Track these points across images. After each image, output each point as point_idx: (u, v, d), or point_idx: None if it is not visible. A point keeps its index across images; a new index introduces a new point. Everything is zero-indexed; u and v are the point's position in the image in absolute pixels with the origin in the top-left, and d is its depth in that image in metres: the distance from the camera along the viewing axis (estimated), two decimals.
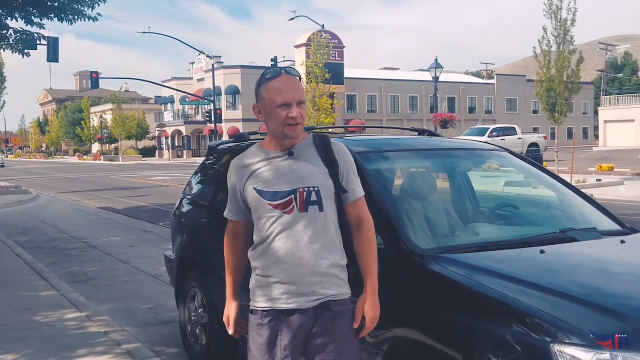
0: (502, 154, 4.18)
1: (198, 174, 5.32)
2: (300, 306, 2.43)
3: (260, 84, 2.48)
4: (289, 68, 2.50)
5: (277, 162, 2.47)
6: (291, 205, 2.41)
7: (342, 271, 2.50)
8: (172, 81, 67.58)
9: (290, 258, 2.41)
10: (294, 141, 2.48)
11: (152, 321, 5.99)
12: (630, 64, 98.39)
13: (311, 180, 2.43)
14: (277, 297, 2.44)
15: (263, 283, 2.48)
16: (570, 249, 3.00)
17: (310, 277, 2.42)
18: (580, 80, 20.07)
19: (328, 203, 2.45)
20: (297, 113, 2.41)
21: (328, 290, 2.45)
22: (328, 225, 2.46)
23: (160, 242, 10.72)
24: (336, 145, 2.54)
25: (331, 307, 2.46)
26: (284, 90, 2.40)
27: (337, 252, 2.48)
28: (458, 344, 2.49)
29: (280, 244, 2.42)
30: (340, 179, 2.48)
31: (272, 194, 2.43)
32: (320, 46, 32.09)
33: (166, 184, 25.73)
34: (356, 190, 2.52)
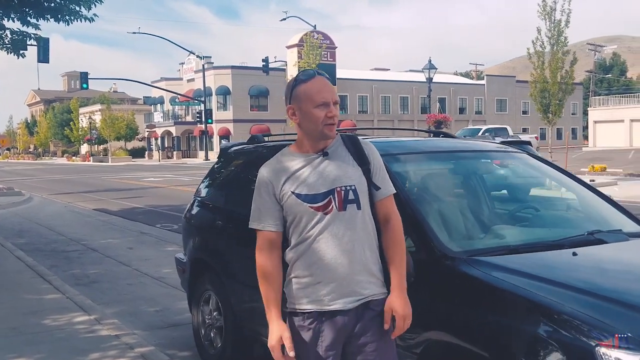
0: (519, 155, 4.18)
1: (210, 177, 5.28)
2: (343, 307, 2.42)
3: (295, 86, 2.49)
4: (320, 71, 2.55)
5: (313, 164, 2.47)
6: (331, 206, 2.41)
7: (380, 270, 2.50)
8: (161, 82, 67.34)
9: (332, 258, 2.40)
10: (327, 142, 2.49)
11: (161, 324, 5.95)
12: (619, 65, 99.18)
13: (347, 179, 2.44)
14: (319, 298, 2.43)
15: (303, 285, 2.46)
16: (602, 252, 3.00)
17: (352, 276, 2.41)
18: (574, 81, 20.19)
19: (365, 201, 2.47)
20: (335, 112, 2.46)
21: (368, 290, 2.45)
22: (366, 223, 2.47)
23: (160, 244, 10.67)
24: (366, 144, 2.56)
25: (371, 306, 2.46)
26: (322, 91, 2.44)
27: (375, 251, 2.49)
28: (496, 347, 2.48)
29: (321, 244, 2.41)
30: (372, 176, 2.50)
31: (312, 196, 2.42)
32: (313, 47, 32.23)
33: (159, 186, 25.59)
34: (388, 188, 2.54)
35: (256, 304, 4.18)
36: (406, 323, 2.46)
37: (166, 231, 12.29)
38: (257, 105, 62.69)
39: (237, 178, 4.78)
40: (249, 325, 4.33)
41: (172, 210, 15.79)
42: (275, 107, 61.04)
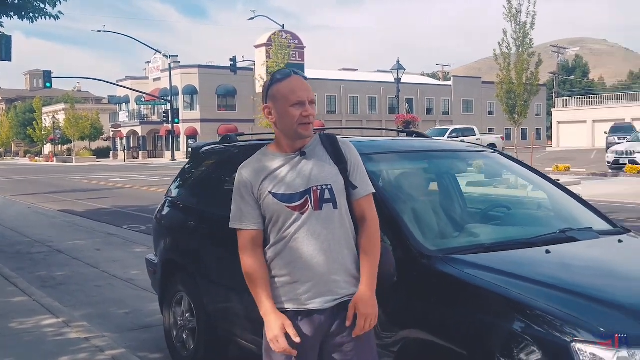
0: (491, 155, 4.23)
1: (181, 177, 5.22)
2: (320, 307, 2.43)
3: (270, 85, 2.49)
4: (297, 70, 2.54)
5: (291, 164, 2.47)
6: (307, 205, 2.41)
7: (358, 269, 2.49)
8: (127, 81, 66.41)
9: (309, 258, 2.40)
10: (305, 141, 2.49)
11: (131, 326, 5.86)
12: (581, 67, 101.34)
13: (324, 179, 2.44)
14: (296, 297, 2.44)
15: (281, 284, 2.47)
16: (574, 250, 3.06)
17: (329, 276, 2.41)
18: (539, 82, 20.57)
19: (342, 200, 2.46)
20: (311, 111, 2.44)
21: (345, 289, 2.45)
22: (344, 222, 2.46)
23: (127, 245, 10.51)
24: (343, 143, 2.56)
25: (349, 306, 2.44)
26: (297, 90, 2.44)
27: (352, 250, 2.49)
28: (474, 344, 2.51)
29: (297, 243, 2.41)
30: (350, 176, 2.49)
31: (289, 196, 2.42)
32: (281, 47, 32.16)
33: (125, 186, 25.23)
34: (365, 187, 2.53)
35: (230, 304, 4.18)
36: (368, 322, 2.43)
37: (134, 232, 12.12)
38: (225, 105, 62.32)
39: (209, 178, 4.74)
40: (223, 325, 4.31)
41: (139, 211, 15.59)
42: (243, 106, 60.76)
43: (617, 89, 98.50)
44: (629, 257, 3.10)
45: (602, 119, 50.36)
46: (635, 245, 3.33)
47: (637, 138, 26.90)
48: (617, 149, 25.56)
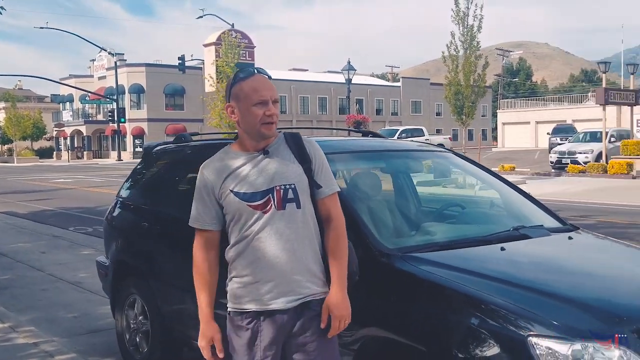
0: (446, 154, 4.31)
1: (133, 177, 5.11)
2: (282, 307, 2.41)
3: (233, 84, 2.47)
4: (260, 68, 2.53)
5: (253, 163, 2.44)
6: (270, 205, 2.39)
7: (322, 269, 2.49)
8: (71, 79, 64.71)
9: (271, 257, 2.38)
10: (268, 141, 2.47)
11: (80, 330, 5.70)
12: (525, 69, 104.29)
13: (287, 178, 2.42)
14: (258, 297, 2.41)
15: (243, 283, 2.44)
16: (528, 247, 3.14)
17: (291, 275, 2.40)
18: (486, 84, 21.06)
19: (305, 199, 2.45)
20: (274, 111, 2.42)
21: (308, 289, 2.43)
22: (307, 222, 2.45)
23: (74, 247, 10.24)
24: (308, 142, 2.54)
25: (312, 306, 2.45)
26: (260, 89, 2.41)
27: (316, 250, 2.47)
28: (433, 340, 2.55)
29: (260, 243, 2.39)
30: (314, 175, 2.48)
31: (251, 195, 2.40)
32: (231, 46, 31.83)
33: (70, 187, 24.55)
34: (330, 186, 2.52)
35: (185, 305, 4.11)
36: (342, 323, 2.45)
37: (80, 234, 11.82)
38: (173, 104, 61.40)
39: (163, 178, 4.65)
40: (178, 327, 4.24)
41: (85, 213, 15.21)
42: (192, 106, 60.00)
43: (559, 91, 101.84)
44: (579, 254, 3.21)
45: (545, 120, 51.95)
46: (584, 242, 3.44)
47: (578, 139, 27.88)
48: (560, 149, 26.43)
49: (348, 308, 2.46)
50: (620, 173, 21.78)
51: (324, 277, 2.49)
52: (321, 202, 2.49)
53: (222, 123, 33.61)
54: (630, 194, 17.04)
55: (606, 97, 23.13)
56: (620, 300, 2.55)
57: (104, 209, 16.81)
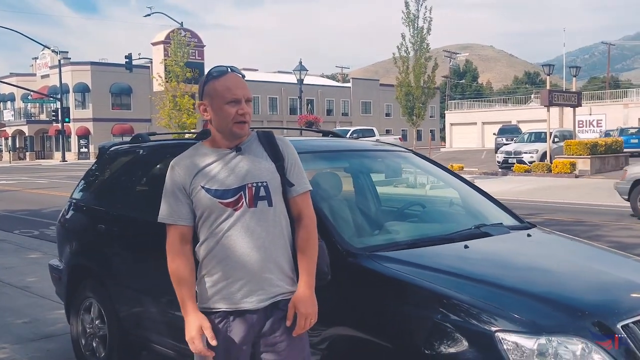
0: (406, 154, 4.36)
1: (88, 178, 4.98)
2: (252, 306, 2.39)
3: (206, 82, 2.46)
4: (234, 67, 2.49)
5: (225, 160, 2.43)
6: (241, 202, 2.38)
7: (292, 268, 2.48)
8: (11, 77, 62.65)
9: (241, 255, 2.37)
10: (241, 139, 2.46)
11: (32, 337, 5.52)
12: (471, 71, 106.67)
13: (260, 176, 2.41)
14: (228, 297, 2.40)
15: (212, 282, 2.42)
16: (490, 244, 3.21)
17: (262, 274, 2.38)
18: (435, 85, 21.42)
19: (277, 197, 2.44)
20: (247, 109, 2.42)
21: (278, 288, 2.42)
22: (278, 220, 2.44)
23: (21, 251, 9.90)
24: (280, 140, 2.53)
25: (281, 306, 2.44)
26: (233, 88, 2.41)
27: (287, 249, 2.47)
28: (401, 337, 2.57)
29: (230, 241, 2.37)
30: (287, 173, 2.47)
31: (222, 192, 2.38)
32: (180, 44, 31.36)
33: (13, 189, 23.74)
34: (303, 185, 2.51)
35: (145, 308, 4.04)
36: (308, 322, 2.44)
37: (26, 237, 11.46)
38: (120, 103, 60.16)
39: (120, 179, 4.55)
40: (136, 331, 4.16)
41: (30, 215, 14.75)
42: (139, 105, 58.92)
43: (503, 92, 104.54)
44: (539, 251, 3.30)
45: (491, 121, 53.23)
46: (542, 239, 3.54)
47: (523, 139, 28.66)
48: (506, 149, 27.10)
49: (314, 306, 2.45)
50: (564, 172, 22.50)
51: (294, 276, 2.48)
52: (293, 201, 2.49)
53: (172, 123, 33.12)
54: (574, 193, 17.64)
55: (550, 99, 23.84)
56: (581, 295, 2.64)
57: (50, 211, 16.34)
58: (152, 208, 4.27)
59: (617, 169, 24.92)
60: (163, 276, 3.63)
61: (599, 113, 43.98)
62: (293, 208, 2.49)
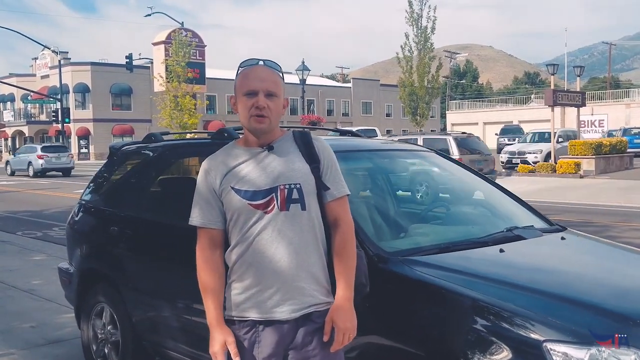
0: (429, 154, 4.23)
1: (99, 180, 4.84)
2: (282, 317, 2.25)
3: (237, 75, 2.35)
4: (269, 61, 2.35)
5: (257, 159, 2.30)
6: (272, 205, 2.24)
7: (327, 277, 2.33)
8: (11, 78, 62.48)
9: (272, 262, 2.23)
10: (271, 136, 2.32)
11: (40, 341, 5.38)
12: (471, 71, 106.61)
13: (293, 177, 2.27)
14: (257, 305, 2.26)
15: (241, 289, 2.29)
16: (525, 248, 3.07)
17: (294, 282, 2.24)
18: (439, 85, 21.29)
19: (311, 201, 2.29)
20: (263, 103, 2.25)
21: (311, 298, 2.27)
22: (312, 225, 2.29)
23: (24, 253, 9.76)
24: (318, 141, 2.38)
25: (314, 318, 2.28)
26: (251, 79, 2.28)
27: (322, 256, 2.32)
28: (439, 347, 2.45)
29: (260, 246, 2.24)
30: (322, 176, 2.32)
31: (252, 193, 2.25)
32: (182, 45, 31.32)
33: (14, 190, 23.63)
34: (340, 188, 2.36)
35: (159, 313, 3.91)
36: (346, 337, 2.27)
37: (29, 239, 11.32)
38: (120, 104, 60.00)
39: (133, 180, 4.42)
40: (150, 337, 4.03)
41: (33, 216, 14.62)
42: (140, 106, 58.79)
43: (503, 92, 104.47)
44: (578, 255, 3.17)
45: (492, 121, 53.09)
46: (578, 242, 3.41)
47: (527, 139, 28.56)
48: (510, 149, 27.00)
49: (354, 320, 2.29)
50: (569, 172, 22.38)
51: (328, 286, 2.32)
52: (329, 206, 2.33)
53: (173, 123, 33.03)
54: (580, 193, 17.52)
55: (554, 99, 23.73)
56: (632, 303, 2.51)
57: (53, 213, 16.22)
58: (166, 209, 4.18)
59: (621, 169, 24.83)
60: (179, 280, 3.54)
61: (601, 113, 43.82)
62: (329, 213, 2.34)
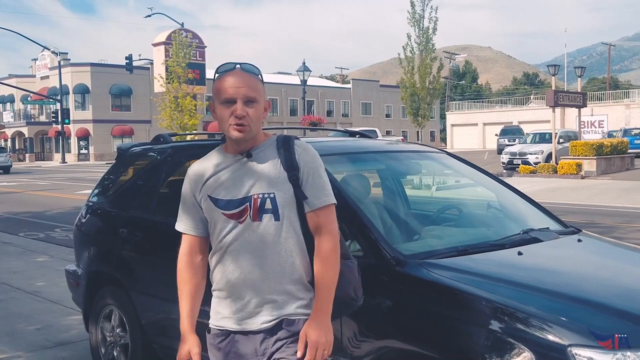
0: (440, 155, 4.19)
1: (107, 181, 4.81)
2: (253, 327, 2.21)
3: (214, 80, 2.25)
4: (246, 64, 2.23)
5: (234, 167, 2.22)
6: (245, 215, 2.18)
7: (304, 289, 2.23)
8: (11, 79, 62.45)
9: (242, 273, 2.19)
10: (252, 142, 2.22)
11: (46, 344, 5.35)
12: (471, 72, 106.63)
13: (267, 186, 2.18)
14: (229, 315, 2.24)
15: (218, 298, 2.28)
16: (543, 250, 3.03)
17: (263, 295, 2.19)
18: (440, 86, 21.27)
19: (287, 211, 2.19)
20: (242, 112, 2.13)
21: (283, 309, 2.20)
22: (287, 236, 2.19)
23: (27, 254, 9.72)
24: (300, 147, 2.25)
25: (285, 326, 2.20)
26: (227, 86, 2.16)
27: (299, 267, 2.22)
28: (460, 351, 2.41)
29: (232, 256, 2.20)
30: (301, 184, 2.20)
31: (226, 202, 2.20)
32: (182, 45, 31.29)
33: (14, 191, 23.56)
34: (320, 197, 2.21)
35: (168, 316, 3.86)
36: (320, 352, 2.16)
37: (32, 240, 11.27)
38: (119, 105, 59.91)
39: (142, 181, 4.38)
40: (160, 340, 3.99)
41: (34, 218, 14.58)
42: (139, 107, 58.75)
43: (502, 93, 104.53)
44: (597, 258, 3.13)
45: (492, 122, 53.11)
46: (595, 245, 3.37)
47: (528, 140, 28.53)
48: (511, 150, 26.97)
49: (329, 335, 2.18)
50: (570, 173, 22.35)
51: (306, 297, 2.23)
52: (309, 216, 2.21)
53: (173, 124, 33.00)
54: (582, 194, 17.49)
55: (555, 99, 23.71)
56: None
57: (54, 214, 16.17)
58: (177, 211, 4.14)
59: (622, 169, 24.81)
60: None
61: (601, 114, 43.81)
62: (310, 223, 2.22)
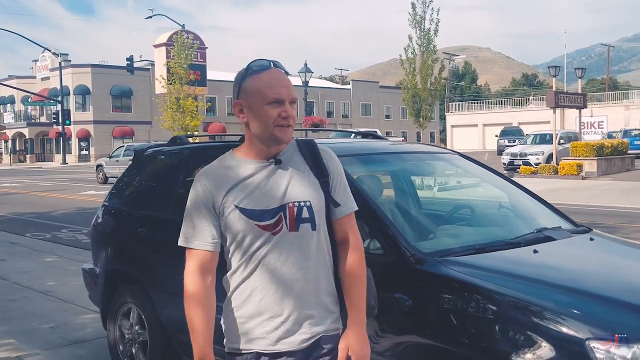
0: (452, 156, 4.28)
1: (124, 182, 4.90)
2: (289, 348, 2.07)
3: (244, 78, 2.10)
4: (277, 62, 2.14)
5: (263, 174, 2.08)
6: (280, 225, 2.04)
7: (334, 301, 2.16)
8: (11, 80, 62.54)
9: (279, 288, 2.04)
10: (280, 147, 2.11)
11: (61, 342, 5.43)
12: (470, 73, 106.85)
13: (302, 194, 2.07)
14: (262, 336, 2.07)
15: (244, 319, 2.08)
16: (558, 249, 3.12)
17: (302, 311, 2.06)
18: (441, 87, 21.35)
19: (321, 220, 2.10)
20: (291, 112, 2.08)
21: (321, 326, 2.10)
22: (321, 246, 2.11)
23: (35, 254, 9.81)
24: (325, 152, 2.19)
25: (322, 344, 2.11)
26: (276, 85, 2.05)
27: (331, 280, 2.15)
28: (482, 346, 2.49)
29: (266, 270, 2.04)
30: (332, 190, 2.14)
31: (259, 212, 2.03)
32: (184, 46, 31.36)
33: (17, 191, 23.64)
34: (348, 204, 2.17)
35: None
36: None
37: (39, 240, 11.37)
38: (120, 106, 60.02)
39: (160, 182, 4.47)
40: (179, 337, 4.07)
41: (39, 218, 14.67)
42: (140, 108, 58.85)
43: (501, 94, 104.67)
44: (610, 256, 3.22)
45: (492, 123, 53.25)
46: (606, 243, 3.46)
47: (527, 141, 28.64)
48: (512, 151, 27.07)
49: (368, 347, 2.16)
50: (571, 174, 22.46)
51: (337, 310, 2.17)
52: (338, 223, 2.15)
53: (175, 125, 33.08)
54: (583, 194, 17.58)
55: (556, 100, 23.82)
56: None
57: (59, 214, 16.25)
58: None
59: (623, 170, 24.92)
60: None
61: (600, 115, 43.97)
62: (337, 231, 2.16)
